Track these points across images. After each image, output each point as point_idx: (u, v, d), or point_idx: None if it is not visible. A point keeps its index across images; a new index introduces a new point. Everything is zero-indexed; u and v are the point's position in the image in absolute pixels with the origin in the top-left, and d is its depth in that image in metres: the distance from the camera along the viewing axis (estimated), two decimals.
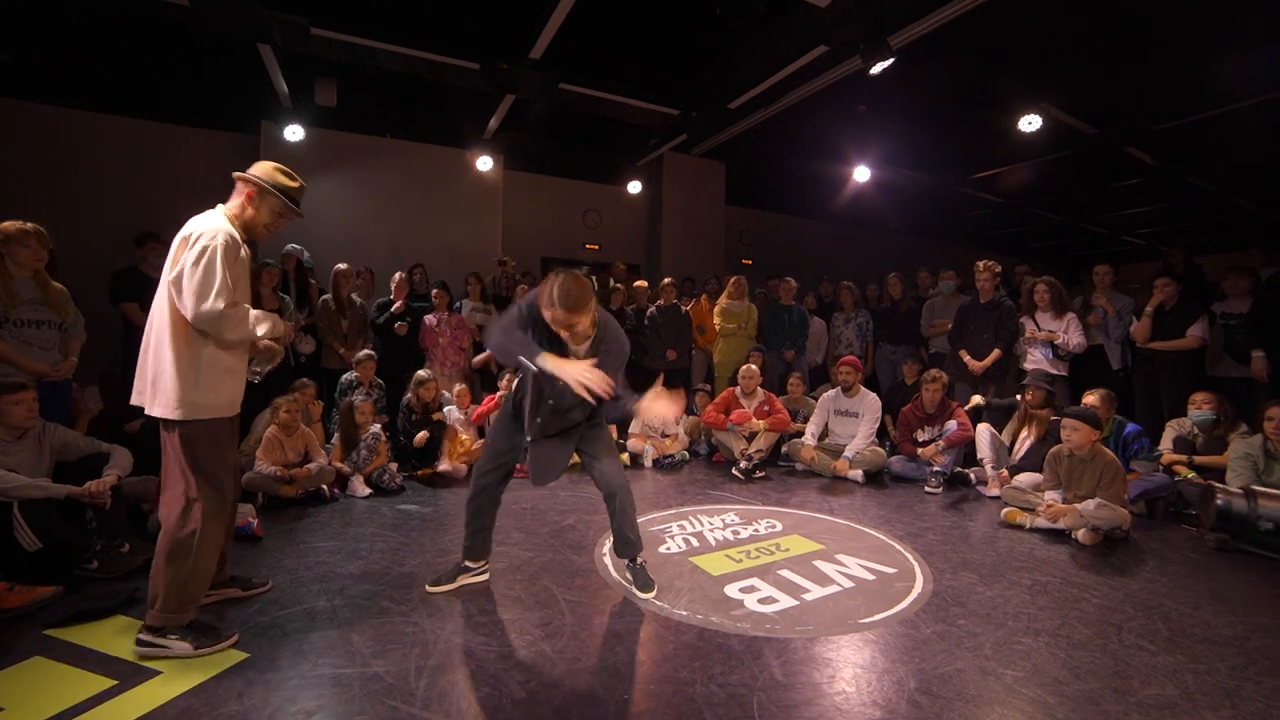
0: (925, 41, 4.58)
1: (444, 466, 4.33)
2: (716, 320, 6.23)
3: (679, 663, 2.04)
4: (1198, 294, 4.91)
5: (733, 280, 6.24)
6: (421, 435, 4.39)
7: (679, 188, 8.42)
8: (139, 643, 1.98)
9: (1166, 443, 4.16)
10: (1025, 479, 3.82)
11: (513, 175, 7.98)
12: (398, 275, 5.57)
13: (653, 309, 6.12)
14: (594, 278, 6.77)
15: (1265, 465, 3.50)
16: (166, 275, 2.01)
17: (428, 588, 2.55)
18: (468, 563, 2.64)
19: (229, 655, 2.01)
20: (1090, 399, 3.90)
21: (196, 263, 1.96)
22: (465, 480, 4.35)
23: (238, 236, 2.10)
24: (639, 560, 2.68)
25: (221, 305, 1.94)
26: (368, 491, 3.96)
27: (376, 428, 4.15)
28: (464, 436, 4.63)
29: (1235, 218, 8.73)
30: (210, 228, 2.02)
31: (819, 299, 7.04)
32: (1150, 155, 6.76)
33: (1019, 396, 4.46)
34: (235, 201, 2.19)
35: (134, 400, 2.08)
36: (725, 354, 6.18)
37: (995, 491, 4.13)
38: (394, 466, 4.16)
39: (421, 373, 4.64)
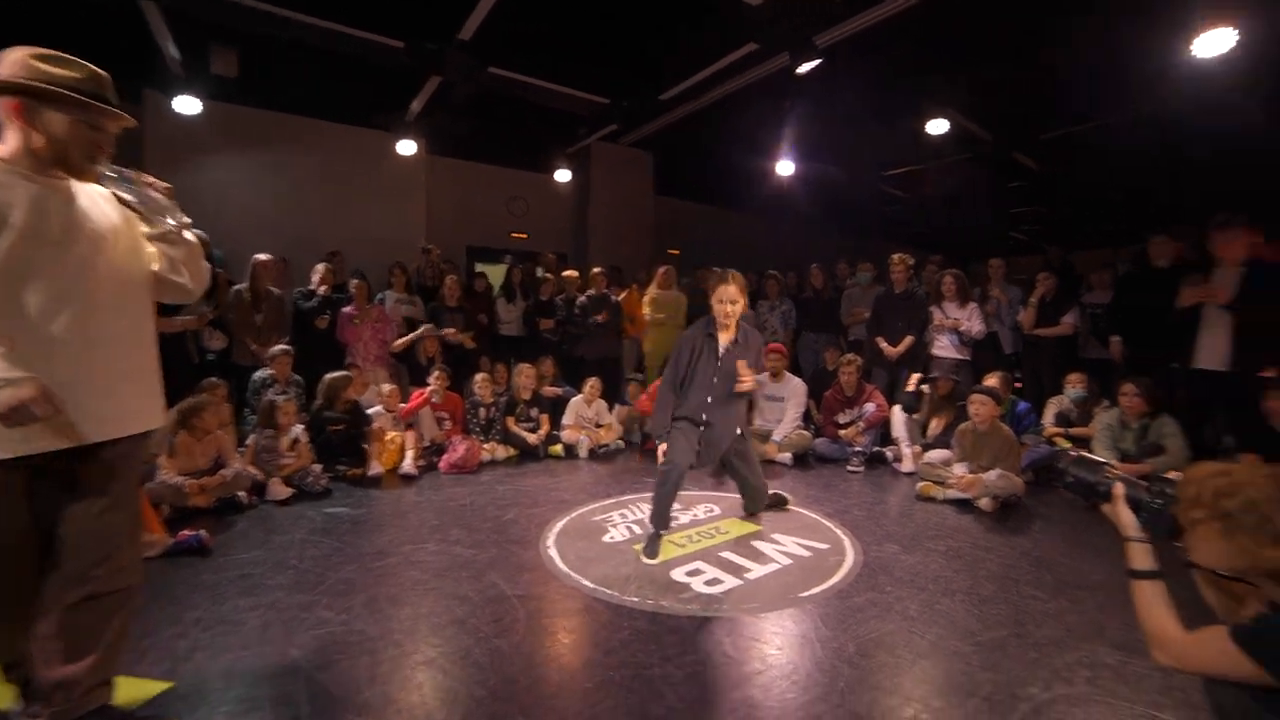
0: (848, 43, 4.83)
1: (376, 470, 4.15)
2: (646, 310, 6.31)
3: (636, 647, 2.10)
4: (1070, 286, 5.53)
5: (662, 270, 6.33)
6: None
7: (607, 177, 8.41)
8: None
9: (1048, 417, 4.69)
10: (936, 455, 4.18)
11: (436, 160, 7.65)
12: (321, 266, 5.22)
13: (583, 298, 6.11)
14: (521, 267, 6.68)
15: (1120, 433, 4.03)
16: None
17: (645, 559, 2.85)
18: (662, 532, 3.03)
19: (149, 686, 1.84)
20: (991, 380, 4.32)
21: None
22: (401, 480, 4.21)
23: None
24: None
25: None
26: (289, 493, 3.72)
27: (299, 429, 3.90)
28: (392, 434, 4.44)
29: (1100, 220, 9.86)
30: None
31: None
32: (1034, 161, 7.49)
33: (924, 388, 4.81)
34: (10, 135, 1.49)
35: None
36: (655, 343, 6.27)
37: (910, 468, 4.48)
38: (318, 468, 3.92)
39: (335, 374, 4.37)
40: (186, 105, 5.62)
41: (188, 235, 1.70)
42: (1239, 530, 1.19)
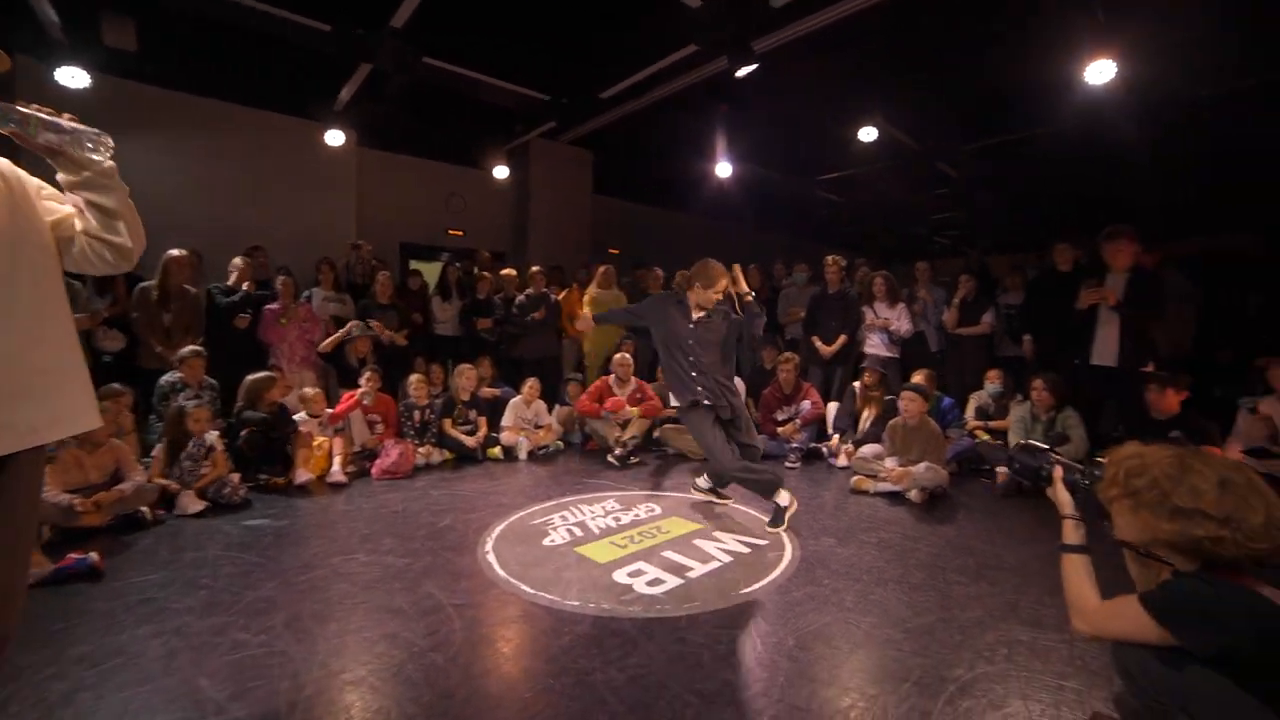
0: (785, 50, 4.95)
1: (303, 477, 3.90)
2: (586, 309, 6.26)
3: (577, 653, 2.05)
4: (987, 288, 5.90)
5: (601, 269, 6.31)
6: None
7: (547, 175, 8.28)
8: None
9: (970, 411, 4.98)
10: (868, 450, 4.34)
11: (368, 153, 7.31)
12: (239, 260, 4.86)
13: (521, 297, 6.00)
14: (458, 265, 6.48)
15: (1031, 425, 4.34)
16: None
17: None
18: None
19: None
20: (918, 377, 4.54)
21: None
22: (329, 488, 3.98)
23: None
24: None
25: None
26: (201, 506, 3.43)
27: (213, 435, 3.61)
28: (320, 440, 4.20)
29: (1013, 226, 10.61)
30: None
31: None
32: (955, 170, 7.95)
33: (855, 384, 5.01)
34: None
35: None
36: (595, 343, 6.24)
37: (844, 462, 4.63)
38: (236, 478, 3.65)
39: (257, 375, 4.09)
40: (71, 78, 5.01)
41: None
42: (1142, 506, 1.30)
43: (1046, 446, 1.70)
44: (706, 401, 3.34)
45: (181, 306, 4.50)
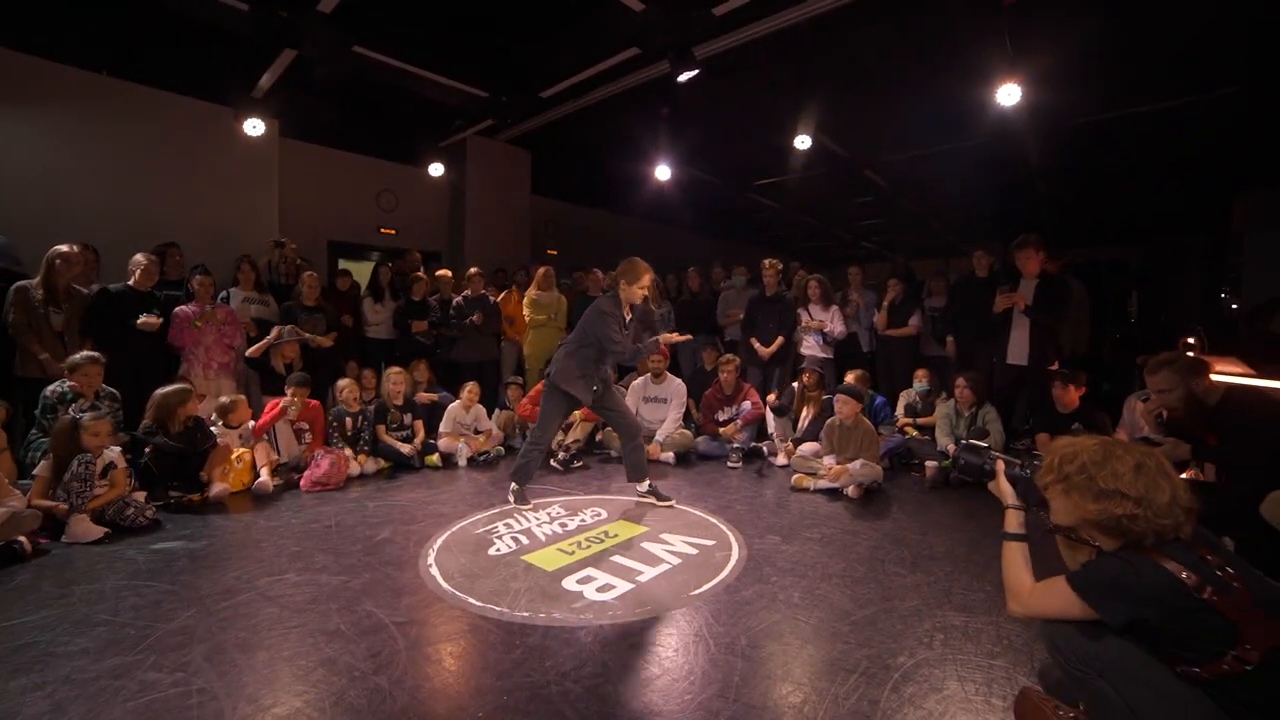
0: (725, 57, 5.05)
1: (218, 489, 3.60)
2: (526, 311, 6.16)
3: (530, 666, 2.00)
4: (913, 291, 6.25)
5: (541, 271, 6.22)
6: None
7: (484, 173, 8.07)
8: None
9: (900, 409, 5.25)
10: (807, 448, 4.48)
11: (292, 145, 6.84)
12: (141, 257, 4.43)
13: (459, 299, 5.81)
14: (390, 265, 6.22)
15: (955, 421, 4.63)
16: None
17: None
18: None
19: None
20: (851, 378, 4.73)
21: None
22: (253, 503, 3.70)
23: None
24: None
25: None
26: (100, 533, 3.09)
27: (115, 450, 3.27)
28: (240, 452, 3.90)
29: (933, 233, 11.29)
30: None
31: None
32: (880, 178, 8.36)
33: (794, 384, 5.18)
34: None
35: None
36: (536, 345, 6.15)
37: (784, 461, 4.76)
38: (141, 497, 3.32)
39: (169, 389, 3.72)
40: None
41: None
42: (1073, 489, 1.43)
43: (987, 445, 1.81)
44: (596, 387, 3.71)
45: (73, 308, 4.08)
